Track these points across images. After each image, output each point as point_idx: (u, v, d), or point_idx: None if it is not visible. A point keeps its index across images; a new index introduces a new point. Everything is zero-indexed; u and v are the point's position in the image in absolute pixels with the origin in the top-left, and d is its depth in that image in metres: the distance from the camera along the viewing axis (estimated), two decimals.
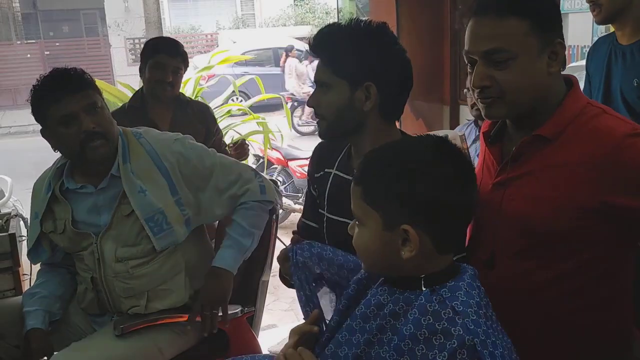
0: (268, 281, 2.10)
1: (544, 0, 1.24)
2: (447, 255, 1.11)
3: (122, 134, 1.87)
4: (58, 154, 1.88)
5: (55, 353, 1.82)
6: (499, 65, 1.21)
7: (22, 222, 2.68)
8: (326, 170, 1.58)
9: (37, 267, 2.08)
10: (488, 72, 1.22)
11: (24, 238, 2.58)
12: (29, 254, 1.96)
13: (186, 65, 2.64)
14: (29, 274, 2.55)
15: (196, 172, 1.89)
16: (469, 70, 1.30)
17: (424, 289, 1.07)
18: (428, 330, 1.02)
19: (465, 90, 2.73)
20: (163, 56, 2.56)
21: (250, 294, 2.05)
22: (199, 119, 2.70)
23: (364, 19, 1.43)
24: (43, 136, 1.82)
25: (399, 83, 1.44)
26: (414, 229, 1.04)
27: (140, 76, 2.64)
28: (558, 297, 1.25)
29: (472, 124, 2.84)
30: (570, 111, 1.24)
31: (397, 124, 1.56)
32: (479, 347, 0.98)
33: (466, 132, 2.79)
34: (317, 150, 1.67)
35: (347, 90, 1.41)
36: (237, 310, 1.95)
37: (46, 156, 2.02)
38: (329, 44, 1.42)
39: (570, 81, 1.30)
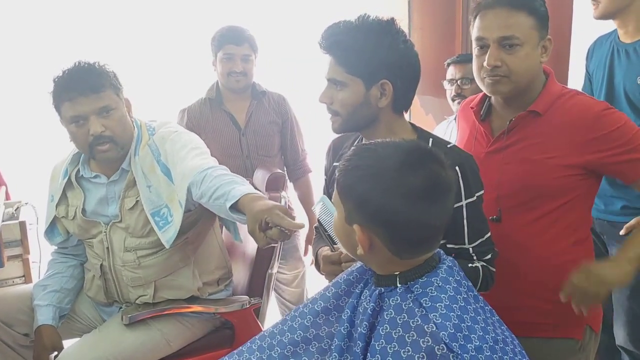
0: (275, 274, 2.11)
1: (543, 3, 1.52)
2: (413, 259, 1.09)
3: (140, 127, 1.87)
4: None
5: (64, 348, 1.84)
6: (509, 49, 1.48)
7: (33, 210, 2.68)
8: (339, 162, 1.59)
9: (46, 255, 2.11)
10: (500, 54, 1.49)
11: (34, 226, 2.59)
12: (45, 234, 1.99)
13: (255, 49, 2.59)
14: (38, 261, 2.57)
15: (187, 144, 1.84)
16: (476, 54, 1.55)
17: (398, 285, 1.09)
18: (402, 328, 1.03)
19: (444, 81, 2.64)
20: (230, 46, 2.53)
21: (257, 286, 2.06)
22: (275, 110, 2.67)
23: (372, 14, 1.40)
24: (62, 125, 1.82)
25: (411, 78, 1.44)
26: (362, 231, 1.06)
27: (214, 70, 2.62)
28: (551, 239, 1.55)
29: (453, 121, 2.66)
30: (553, 92, 1.56)
31: (406, 116, 1.55)
32: (446, 340, 0.98)
33: (447, 131, 2.64)
34: (331, 145, 1.67)
35: (362, 88, 1.40)
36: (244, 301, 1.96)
37: None
38: (341, 42, 1.38)
39: (547, 72, 1.61)
